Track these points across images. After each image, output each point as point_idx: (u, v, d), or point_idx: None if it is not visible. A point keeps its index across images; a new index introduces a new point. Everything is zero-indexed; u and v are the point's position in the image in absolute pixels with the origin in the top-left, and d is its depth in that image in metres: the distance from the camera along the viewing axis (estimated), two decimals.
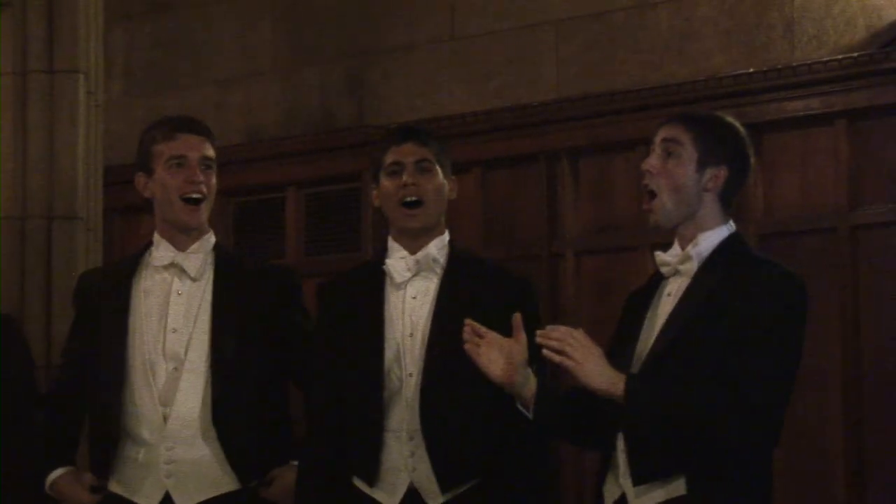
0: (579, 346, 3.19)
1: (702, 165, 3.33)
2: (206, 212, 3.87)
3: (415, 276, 3.70)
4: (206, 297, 3.82)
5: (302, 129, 7.00)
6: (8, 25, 4.78)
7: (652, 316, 3.35)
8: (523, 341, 3.33)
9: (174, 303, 3.81)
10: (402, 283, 3.69)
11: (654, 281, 3.43)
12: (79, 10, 4.85)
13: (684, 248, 3.35)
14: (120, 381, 3.76)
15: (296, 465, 3.77)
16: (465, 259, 3.77)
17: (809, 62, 5.80)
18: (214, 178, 3.88)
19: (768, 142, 5.87)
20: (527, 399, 3.33)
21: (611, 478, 3.32)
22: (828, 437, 5.63)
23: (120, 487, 3.79)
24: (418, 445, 3.59)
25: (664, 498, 3.20)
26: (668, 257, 3.37)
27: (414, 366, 3.63)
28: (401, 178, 3.69)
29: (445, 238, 3.76)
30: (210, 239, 3.90)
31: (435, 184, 3.72)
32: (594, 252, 6.26)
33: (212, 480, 3.75)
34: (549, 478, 3.74)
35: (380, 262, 3.75)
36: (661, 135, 3.39)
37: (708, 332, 3.19)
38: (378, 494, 3.62)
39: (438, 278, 3.70)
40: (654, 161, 3.37)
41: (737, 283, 3.23)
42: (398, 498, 3.61)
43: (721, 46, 6.05)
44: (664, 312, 3.31)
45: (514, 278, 3.78)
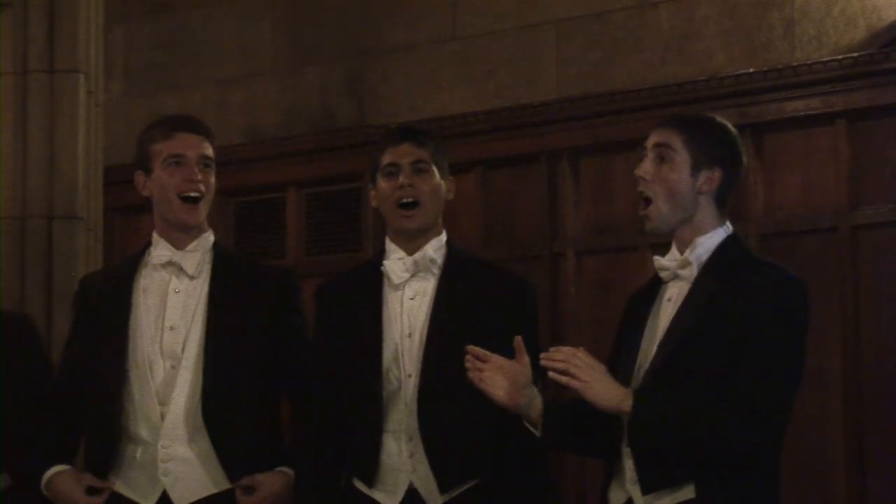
0: (584, 365, 3.18)
1: (696, 169, 3.32)
2: (204, 210, 3.87)
3: (412, 276, 3.70)
4: (204, 294, 3.82)
5: (302, 129, 6.99)
6: (8, 25, 4.79)
7: (653, 322, 3.34)
8: (526, 363, 3.31)
9: (172, 300, 3.81)
10: (399, 284, 3.69)
11: (654, 283, 3.41)
12: (79, 11, 4.86)
13: (682, 251, 3.33)
14: (119, 380, 3.76)
15: (282, 472, 3.76)
16: (462, 259, 3.77)
17: (810, 62, 5.79)
18: (213, 177, 3.88)
19: (769, 142, 5.87)
20: (533, 418, 3.32)
21: (616, 483, 3.31)
22: (828, 437, 5.62)
23: (119, 486, 3.78)
24: (417, 446, 3.59)
25: (672, 503, 3.19)
26: (667, 262, 3.35)
27: (412, 366, 3.63)
28: (397, 179, 3.69)
29: (443, 238, 3.76)
30: (208, 238, 3.90)
31: (431, 185, 3.71)
32: (595, 252, 6.25)
33: (207, 478, 3.74)
34: (549, 478, 3.74)
35: (378, 262, 3.75)
36: (653, 140, 3.37)
37: (710, 340, 3.18)
38: (378, 495, 3.62)
39: (436, 279, 3.69)
40: (648, 167, 3.35)
41: (738, 287, 3.21)
42: (398, 499, 3.61)
43: (722, 46, 6.05)
44: (665, 318, 3.30)
45: (513, 278, 3.78)
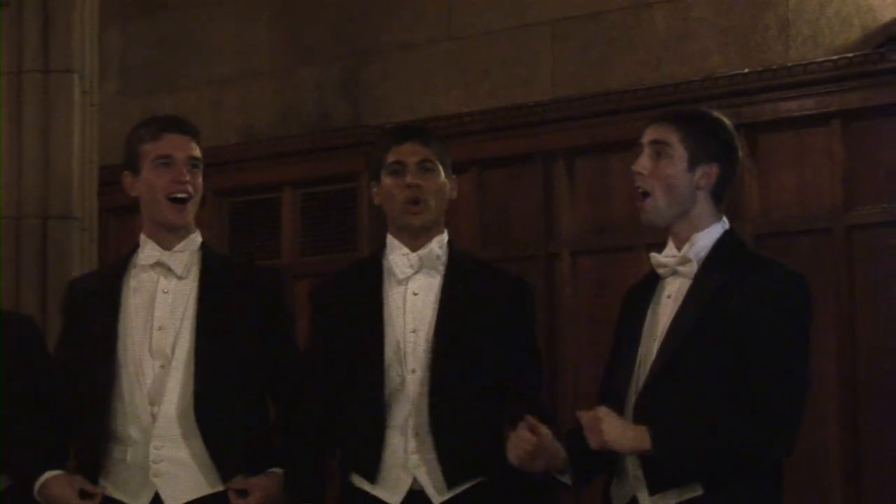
0: (593, 420, 3.20)
1: (693, 164, 3.33)
2: (192, 211, 3.87)
3: (417, 272, 3.69)
4: (192, 295, 3.81)
5: (298, 129, 6.99)
6: (4, 25, 4.79)
7: (652, 318, 3.33)
8: (547, 434, 3.31)
9: (160, 301, 3.81)
10: (404, 278, 3.69)
11: (651, 279, 3.40)
12: (74, 10, 4.86)
13: (679, 247, 3.33)
14: (110, 381, 3.75)
15: (274, 473, 3.75)
16: (463, 259, 3.78)
17: (805, 63, 5.80)
18: (200, 177, 3.88)
19: (763, 142, 5.88)
20: (559, 467, 3.35)
21: (619, 482, 3.31)
22: (824, 438, 5.63)
23: (110, 488, 3.77)
24: (424, 442, 3.59)
25: (678, 500, 3.19)
26: (665, 259, 3.35)
27: (417, 362, 3.62)
28: (403, 177, 3.68)
29: (445, 237, 3.76)
30: (196, 238, 3.90)
31: (437, 184, 3.72)
32: (591, 252, 6.26)
33: (199, 479, 3.74)
34: (550, 475, 3.74)
35: (378, 258, 3.75)
36: (649, 136, 3.38)
37: (713, 339, 3.18)
38: (380, 492, 3.61)
39: (441, 276, 3.69)
40: (645, 162, 3.36)
41: (740, 285, 3.21)
42: (401, 496, 3.60)
43: (717, 47, 6.05)
44: (665, 315, 3.30)
45: (512, 279, 3.79)
